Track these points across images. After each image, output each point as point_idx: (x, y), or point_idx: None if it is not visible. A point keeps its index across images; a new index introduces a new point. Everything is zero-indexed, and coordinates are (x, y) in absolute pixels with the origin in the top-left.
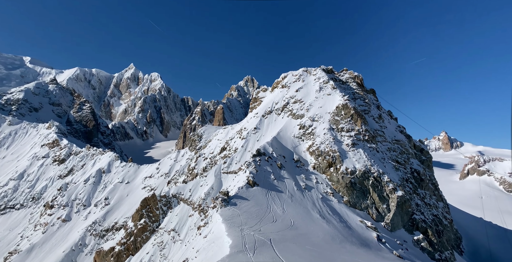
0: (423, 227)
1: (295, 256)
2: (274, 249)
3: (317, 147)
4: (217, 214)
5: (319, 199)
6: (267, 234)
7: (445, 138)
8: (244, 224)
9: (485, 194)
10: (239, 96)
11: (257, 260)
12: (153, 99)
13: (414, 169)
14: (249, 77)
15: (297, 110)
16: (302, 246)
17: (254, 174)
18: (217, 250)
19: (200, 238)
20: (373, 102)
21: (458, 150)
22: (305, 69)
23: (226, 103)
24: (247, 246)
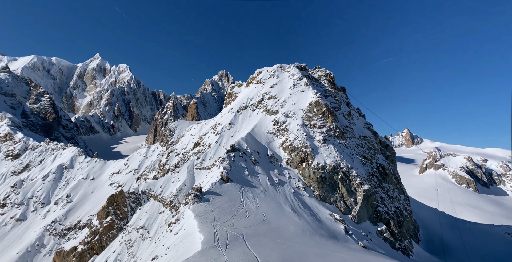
0: (386, 219)
1: (266, 249)
2: (246, 243)
3: (291, 143)
4: (189, 210)
5: (291, 193)
6: (240, 229)
7: (408, 135)
8: (217, 219)
9: (440, 186)
10: (214, 91)
11: (229, 255)
12: (121, 92)
13: (380, 163)
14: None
15: (271, 106)
16: (274, 240)
17: (228, 170)
18: (189, 247)
19: (171, 235)
20: (343, 100)
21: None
22: (279, 65)
23: (200, 98)
24: (219, 242)
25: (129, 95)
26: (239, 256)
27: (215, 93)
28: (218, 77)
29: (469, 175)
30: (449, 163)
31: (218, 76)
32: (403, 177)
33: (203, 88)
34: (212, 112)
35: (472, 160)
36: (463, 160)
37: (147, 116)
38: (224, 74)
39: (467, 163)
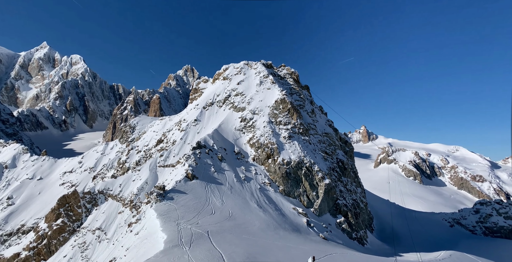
0: (344, 211)
1: (231, 246)
2: (211, 240)
3: (257, 139)
4: (151, 209)
5: (257, 189)
6: (205, 226)
7: (364, 131)
8: (181, 218)
9: (391, 179)
10: (178, 86)
11: (193, 253)
12: (74, 84)
13: (340, 159)
14: (189, 67)
15: (238, 103)
16: (239, 235)
17: (193, 167)
18: (150, 247)
19: (131, 236)
20: (307, 98)
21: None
22: (246, 62)
23: (164, 93)
24: (183, 240)
25: (84, 89)
26: (203, 253)
27: (180, 89)
28: (183, 72)
29: (416, 168)
30: (400, 158)
31: (183, 71)
32: (360, 171)
33: (167, 83)
34: (176, 108)
35: (418, 155)
36: (411, 155)
37: (104, 112)
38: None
39: (414, 157)
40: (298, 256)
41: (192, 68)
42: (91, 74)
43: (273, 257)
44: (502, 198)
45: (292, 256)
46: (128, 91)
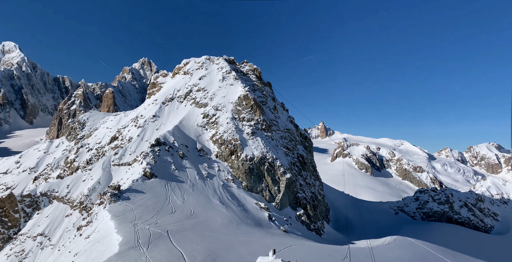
0: (304, 204)
1: (193, 244)
2: (171, 240)
3: (220, 136)
4: (104, 210)
5: (220, 186)
6: (165, 226)
7: (322, 127)
8: (139, 218)
9: (346, 172)
10: (134, 80)
11: (151, 254)
12: (8, 75)
13: (300, 154)
14: (146, 60)
15: (200, 98)
16: (201, 233)
17: (152, 165)
18: (103, 250)
19: (80, 240)
20: (270, 95)
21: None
22: (207, 57)
23: (118, 87)
24: (140, 241)
25: (21, 81)
26: (163, 253)
27: (136, 83)
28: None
29: (367, 161)
30: (353, 152)
31: (139, 64)
32: (318, 165)
33: (121, 76)
34: (132, 103)
35: (369, 149)
36: (363, 149)
37: (47, 106)
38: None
39: (366, 151)
40: (260, 250)
41: (149, 61)
42: (30, 64)
43: (235, 252)
44: (436, 186)
45: (254, 250)
46: (76, 85)
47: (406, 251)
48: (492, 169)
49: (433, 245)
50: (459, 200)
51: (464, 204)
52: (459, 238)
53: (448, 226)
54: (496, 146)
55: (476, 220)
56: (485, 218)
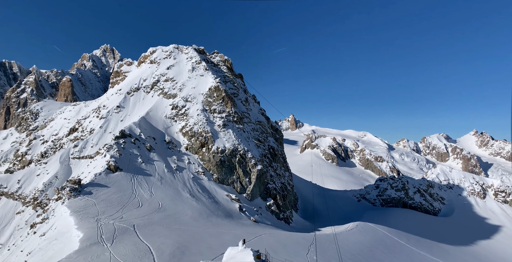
0: (274, 194)
1: (161, 237)
2: (137, 234)
3: (191, 128)
4: (63, 206)
5: (190, 178)
6: (131, 220)
7: (292, 120)
8: (102, 213)
9: (314, 163)
10: (95, 68)
11: (116, 249)
12: None
13: (271, 146)
14: (108, 47)
15: (169, 89)
16: (169, 226)
17: (116, 158)
18: (61, 248)
19: (34, 238)
20: (241, 87)
21: (300, 129)
22: (176, 46)
23: (77, 75)
24: (104, 237)
25: None
26: (128, 248)
27: (98, 71)
28: (101, 52)
29: (334, 152)
30: (321, 143)
31: (101, 51)
32: (288, 156)
33: (80, 63)
34: (94, 92)
35: (335, 140)
36: (330, 140)
37: None
38: (108, 50)
39: (332, 143)
40: (230, 240)
41: (112, 48)
42: None
43: (205, 244)
44: (394, 174)
45: (224, 241)
46: (26, 71)
47: (366, 235)
48: (441, 157)
49: (390, 228)
50: (413, 186)
51: (417, 190)
52: (412, 221)
53: (403, 211)
54: (445, 137)
55: (427, 204)
56: (434, 202)
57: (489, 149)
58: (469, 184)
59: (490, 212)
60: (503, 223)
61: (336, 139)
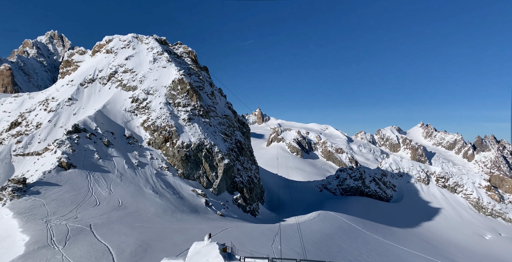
0: (240, 187)
1: (121, 236)
2: (94, 234)
3: (153, 122)
4: (4, 208)
5: (154, 174)
6: (87, 220)
7: (259, 113)
8: (53, 214)
9: (280, 155)
10: (41, 56)
11: (69, 251)
12: None
13: (238, 139)
14: (56, 34)
15: (128, 81)
16: (130, 224)
17: (69, 154)
18: (3, 253)
19: None
20: (207, 80)
21: (267, 123)
22: (135, 35)
23: (18, 63)
24: (54, 239)
25: None
26: (84, 249)
27: (44, 60)
28: (47, 39)
29: (298, 145)
30: (286, 136)
31: (47, 38)
32: (255, 150)
33: (22, 50)
34: (40, 83)
35: (300, 133)
36: (295, 134)
37: None
38: (56, 36)
39: (297, 136)
40: (195, 235)
41: (61, 35)
42: None
43: (169, 240)
44: (353, 165)
45: (190, 236)
46: None
47: (327, 223)
48: (394, 148)
49: (348, 216)
50: (369, 176)
51: (373, 179)
52: (368, 208)
53: (360, 199)
54: (397, 129)
55: (381, 192)
56: (387, 190)
57: (433, 140)
58: (416, 172)
59: (432, 196)
60: (442, 205)
61: (300, 132)
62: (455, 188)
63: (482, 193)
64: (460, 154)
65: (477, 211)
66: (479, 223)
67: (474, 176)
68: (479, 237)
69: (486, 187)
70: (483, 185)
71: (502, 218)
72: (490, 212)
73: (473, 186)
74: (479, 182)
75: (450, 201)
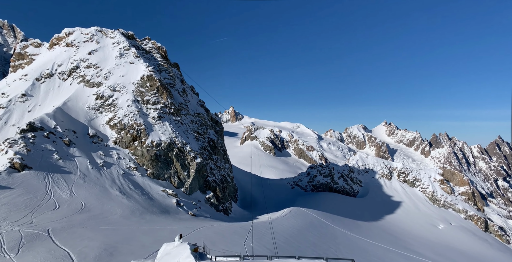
0: (213, 186)
1: (84, 240)
2: (53, 240)
3: (120, 120)
4: None
5: (120, 175)
6: (44, 224)
7: (232, 112)
8: (3, 219)
9: (253, 154)
10: None
11: (22, 259)
12: None
13: (211, 138)
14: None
15: (92, 76)
16: (95, 228)
17: (23, 155)
18: None
19: None
20: (178, 77)
21: (240, 121)
22: (99, 29)
23: None
24: (5, 247)
25: None
26: (40, 257)
27: None
28: None
29: (271, 143)
30: (260, 135)
31: None
32: (228, 149)
33: None
34: None
35: (273, 132)
36: (268, 132)
37: None
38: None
39: (270, 134)
40: (166, 236)
41: (11, 25)
42: None
43: (137, 243)
44: (323, 162)
45: (160, 237)
46: None
47: (298, 219)
48: (360, 145)
49: (318, 211)
50: (338, 172)
51: (341, 175)
52: (336, 203)
53: (329, 195)
54: (363, 127)
55: (348, 187)
56: (354, 185)
57: (395, 137)
58: (380, 168)
59: (394, 191)
60: (403, 199)
61: (273, 131)
62: (414, 183)
63: (436, 187)
64: (419, 150)
65: (432, 203)
66: (433, 214)
67: (430, 171)
68: (433, 227)
69: (440, 181)
70: (437, 179)
71: (453, 209)
72: (443, 203)
73: (429, 180)
74: (434, 176)
75: (409, 195)
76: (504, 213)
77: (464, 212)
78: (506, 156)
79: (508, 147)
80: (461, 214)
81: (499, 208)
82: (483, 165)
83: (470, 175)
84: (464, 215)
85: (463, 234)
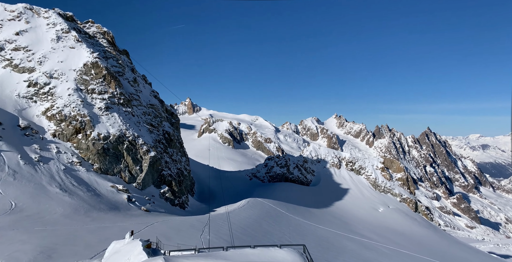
0: (169, 180)
1: (14, 244)
2: None
3: (59, 110)
4: None
5: (61, 170)
6: None
7: (189, 103)
8: None
9: (212, 146)
10: None
11: None
12: None
13: (166, 130)
14: None
15: (21, 61)
16: (28, 229)
17: None
18: None
19: None
20: (128, 65)
21: (198, 113)
22: (28, 6)
23: None
24: None
25: None
26: None
27: None
28: None
29: (230, 136)
30: (218, 127)
31: None
32: (185, 141)
33: None
34: None
35: (232, 124)
36: (227, 124)
37: None
38: None
39: (229, 127)
40: (115, 234)
41: None
42: None
43: (81, 242)
44: (280, 154)
45: (108, 235)
46: None
47: (255, 209)
48: (314, 137)
49: (274, 201)
50: (293, 163)
51: (296, 165)
52: (291, 192)
53: (285, 184)
54: (316, 120)
55: (302, 177)
56: (307, 175)
57: (344, 129)
58: (330, 158)
59: (343, 179)
60: (350, 186)
61: (232, 123)
62: (359, 171)
63: (378, 174)
64: (364, 141)
65: (374, 189)
66: (375, 198)
67: (373, 160)
68: (374, 210)
69: (381, 169)
70: (379, 167)
71: (391, 193)
72: (383, 189)
73: (372, 168)
74: (376, 164)
75: (355, 182)
76: (429, 194)
77: (400, 195)
78: (433, 145)
79: (434, 137)
80: (397, 197)
81: (426, 190)
82: (415, 153)
83: (405, 162)
84: (399, 198)
85: (398, 215)
